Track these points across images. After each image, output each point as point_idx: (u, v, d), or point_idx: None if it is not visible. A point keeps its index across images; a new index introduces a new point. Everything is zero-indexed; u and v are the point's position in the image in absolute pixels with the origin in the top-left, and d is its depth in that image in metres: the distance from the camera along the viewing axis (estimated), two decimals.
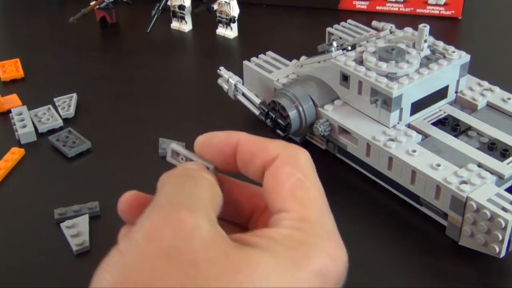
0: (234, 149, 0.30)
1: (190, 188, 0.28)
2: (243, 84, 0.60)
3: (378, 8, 0.82)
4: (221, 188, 0.30)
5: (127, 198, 0.30)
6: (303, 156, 0.30)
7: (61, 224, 0.50)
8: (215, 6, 0.77)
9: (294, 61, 0.61)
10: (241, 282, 0.24)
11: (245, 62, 0.62)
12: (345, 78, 0.54)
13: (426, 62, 0.54)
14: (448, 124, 0.53)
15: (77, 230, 0.49)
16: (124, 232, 0.29)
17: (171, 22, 0.80)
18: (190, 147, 0.31)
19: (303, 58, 0.60)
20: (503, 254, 0.44)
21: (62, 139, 0.59)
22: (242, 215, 0.32)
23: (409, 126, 0.53)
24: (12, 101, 0.65)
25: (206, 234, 0.25)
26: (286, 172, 0.29)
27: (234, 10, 0.76)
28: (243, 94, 0.59)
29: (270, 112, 0.56)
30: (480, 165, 0.48)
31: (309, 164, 0.30)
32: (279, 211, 0.28)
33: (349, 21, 0.67)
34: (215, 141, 0.31)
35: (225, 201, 0.31)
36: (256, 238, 0.27)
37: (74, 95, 0.65)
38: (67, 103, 0.64)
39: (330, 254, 0.27)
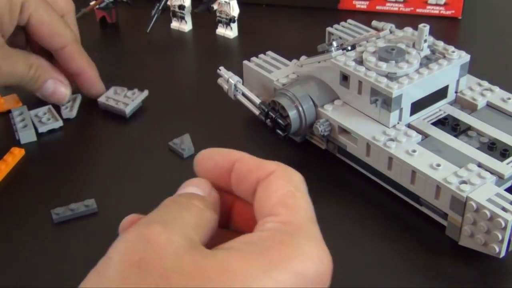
0: (231, 164, 0.31)
1: (173, 211, 0.28)
2: (243, 84, 0.60)
3: (378, 8, 0.82)
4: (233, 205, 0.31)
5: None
6: (298, 175, 0.30)
7: None
8: (215, 6, 0.77)
9: (294, 61, 0.61)
10: None
11: (245, 62, 0.62)
12: (345, 78, 0.54)
13: (426, 62, 0.54)
14: (448, 124, 0.53)
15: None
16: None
17: (171, 22, 0.80)
18: None
19: (303, 58, 0.60)
20: (503, 254, 0.44)
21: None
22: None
23: (409, 126, 0.53)
24: (12, 101, 0.65)
25: (177, 246, 0.25)
26: (278, 184, 0.29)
27: (234, 10, 0.76)
28: (243, 94, 0.59)
29: (270, 112, 0.56)
30: (480, 165, 0.48)
31: (303, 183, 0.30)
32: (266, 216, 0.28)
33: (349, 21, 0.67)
34: (216, 155, 0.32)
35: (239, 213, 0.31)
36: (234, 243, 0.27)
37: (79, 95, 0.65)
38: (71, 104, 0.64)
39: (312, 255, 0.27)
